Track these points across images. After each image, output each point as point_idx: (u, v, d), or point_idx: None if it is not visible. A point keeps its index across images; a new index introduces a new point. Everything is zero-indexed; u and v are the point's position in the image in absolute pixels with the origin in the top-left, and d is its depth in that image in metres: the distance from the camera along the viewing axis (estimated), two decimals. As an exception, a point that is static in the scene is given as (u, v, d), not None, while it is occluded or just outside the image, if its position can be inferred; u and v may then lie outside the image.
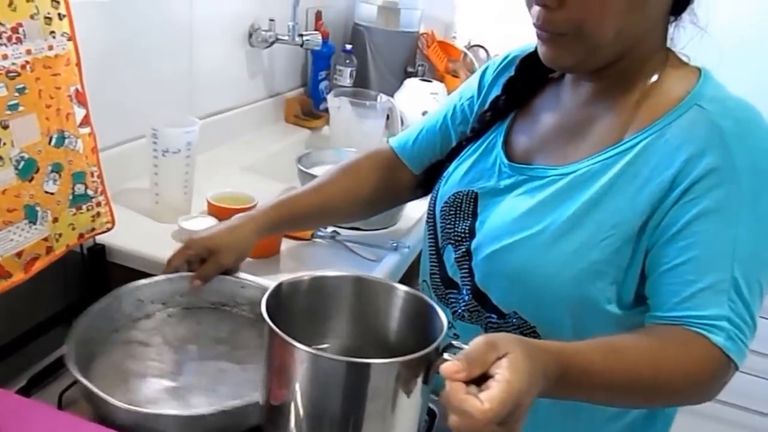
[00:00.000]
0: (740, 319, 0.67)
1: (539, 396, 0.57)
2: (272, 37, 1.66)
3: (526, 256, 0.79)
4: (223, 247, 0.92)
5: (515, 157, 0.88)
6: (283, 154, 1.65)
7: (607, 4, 0.71)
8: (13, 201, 0.85)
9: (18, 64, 0.85)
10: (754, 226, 0.69)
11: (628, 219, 0.74)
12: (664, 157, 0.73)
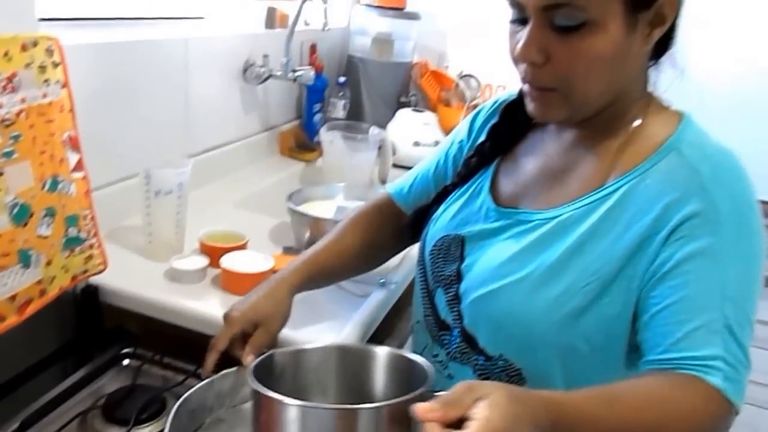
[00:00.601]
0: (735, 359, 0.66)
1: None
2: (266, 72, 1.69)
3: (511, 302, 0.80)
4: (268, 316, 0.89)
5: (501, 201, 0.90)
6: (277, 187, 1.68)
7: (592, 59, 0.73)
8: (7, 246, 0.87)
9: (13, 113, 0.87)
10: (739, 267, 0.70)
11: (608, 265, 0.75)
12: (643, 203, 0.74)
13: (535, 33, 0.74)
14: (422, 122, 2.06)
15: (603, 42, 0.72)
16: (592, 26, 0.71)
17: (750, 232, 0.72)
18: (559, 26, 0.72)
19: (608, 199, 0.77)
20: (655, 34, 0.75)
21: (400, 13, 2.19)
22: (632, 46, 0.74)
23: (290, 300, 0.94)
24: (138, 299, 1.06)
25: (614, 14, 0.71)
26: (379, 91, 2.20)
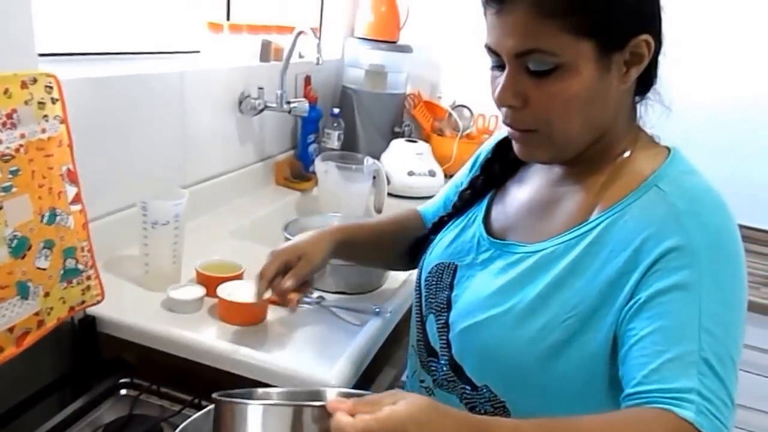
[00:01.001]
0: (713, 395, 0.63)
1: None
2: (261, 104, 1.72)
3: (495, 334, 0.81)
4: (309, 251, 1.01)
5: (493, 231, 0.92)
6: (273, 217, 1.69)
7: (569, 100, 0.75)
8: (5, 278, 0.89)
9: (12, 148, 0.89)
10: (717, 300, 0.68)
11: (587, 300, 0.75)
12: (621, 239, 0.74)
13: (512, 78, 0.76)
14: (416, 152, 2.09)
15: (577, 84, 0.74)
16: (565, 69, 0.73)
17: (728, 265, 0.71)
18: (534, 71, 0.74)
19: (589, 235, 0.78)
20: (633, 72, 0.76)
21: (392, 46, 2.23)
22: (609, 86, 0.76)
23: (330, 248, 1.04)
24: (135, 329, 1.06)
25: (586, 57, 0.73)
26: (373, 121, 2.23)
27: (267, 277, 0.98)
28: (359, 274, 1.27)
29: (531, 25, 0.72)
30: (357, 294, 1.29)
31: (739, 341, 0.68)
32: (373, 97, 2.22)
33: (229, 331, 1.08)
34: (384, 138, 2.21)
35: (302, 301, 1.18)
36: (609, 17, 0.72)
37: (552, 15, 0.71)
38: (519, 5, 0.73)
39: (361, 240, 1.13)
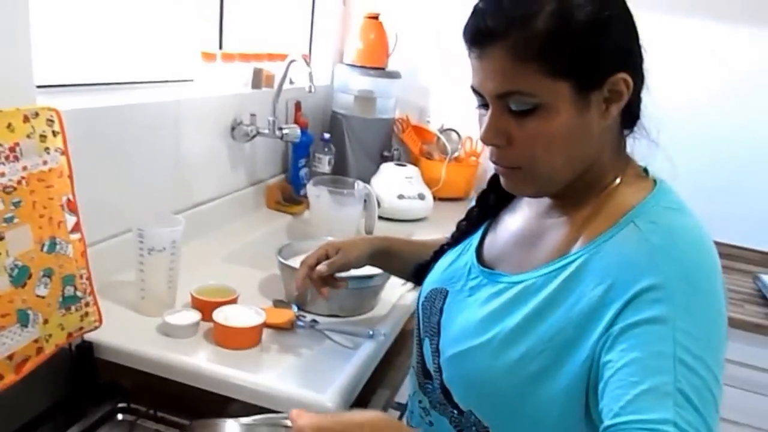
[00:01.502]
0: (690, 427, 0.61)
1: None
2: (253, 131, 1.74)
3: (478, 363, 0.83)
4: (348, 246, 1.16)
5: (484, 260, 0.94)
6: (265, 240, 1.71)
7: (549, 139, 0.77)
8: (6, 306, 0.90)
9: (15, 180, 0.91)
10: (692, 332, 0.67)
11: (562, 333, 0.75)
12: (595, 275, 0.75)
13: (495, 118, 0.79)
14: (405, 176, 2.11)
15: (557, 122, 0.76)
16: (544, 109, 0.75)
17: (702, 299, 0.70)
18: (515, 111, 0.77)
19: (567, 269, 0.78)
20: (613, 109, 0.78)
21: (381, 72, 2.27)
22: (590, 123, 0.78)
23: (368, 249, 1.18)
24: (131, 354, 1.07)
25: (563, 97, 0.75)
26: (362, 145, 2.26)
27: (307, 264, 1.15)
28: (352, 297, 1.29)
29: (509, 69, 0.75)
30: (350, 317, 1.31)
31: (718, 375, 0.66)
32: (363, 122, 2.25)
33: (225, 355, 1.09)
34: (374, 162, 2.23)
35: (296, 324, 1.21)
36: (583, 59, 0.74)
37: (528, 58, 0.73)
38: (497, 50, 0.75)
39: (401, 253, 1.21)
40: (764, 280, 2.09)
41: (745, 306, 1.97)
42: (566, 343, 0.75)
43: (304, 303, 1.29)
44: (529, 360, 0.77)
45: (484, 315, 0.84)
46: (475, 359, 0.83)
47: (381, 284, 1.35)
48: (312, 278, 1.14)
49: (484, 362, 0.82)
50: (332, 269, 1.14)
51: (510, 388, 0.79)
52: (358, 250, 1.17)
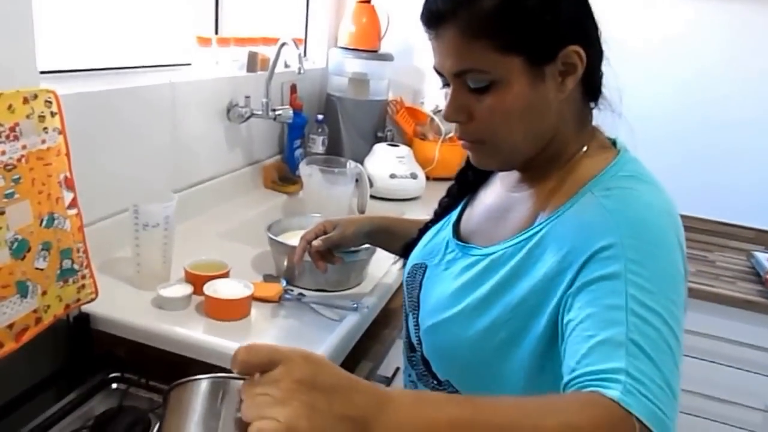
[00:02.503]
0: (644, 376, 0.60)
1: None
2: (248, 112, 1.77)
3: (451, 333, 0.85)
4: (345, 223, 1.21)
5: (461, 235, 0.96)
6: (260, 218, 1.74)
7: (506, 112, 0.79)
8: (6, 278, 0.93)
9: (15, 158, 0.94)
10: (645, 286, 0.67)
11: (527, 301, 0.77)
12: (555, 243, 0.76)
13: (455, 96, 0.81)
14: (397, 155, 2.14)
15: (513, 97, 0.77)
16: (500, 84, 0.77)
17: (655, 254, 0.70)
18: (473, 88, 0.79)
19: (532, 240, 0.80)
20: (569, 82, 0.79)
21: (374, 54, 2.29)
22: (546, 96, 0.79)
23: (365, 226, 1.22)
24: (126, 326, 1.11)
25: (517, 72, 0.77)
26: (356, 127, 2.28)
27: (306, 238, 1.20)
28: (338, 271, 1.32)
29: (462, 47, 0.77)
30: (337, 291, 1.35)
31: (675, 329, 0.65)
32: (357, 103, 2.27)
33: (215, 326, 1.13)
34: (367, 142, 2.26)
35: (283, 297, 1.24)
36: (533, 33, 0.76)
37: (479, 36, 0.76)
38: (450, 29, 0.77)
39: (398, 231, 1.22)
40: (758, 257, 2.11)
41: (737, 283, 2.00)
42: (531, 310, 0.77)
43: (292, 277, 1.33)
44: (497, 328, 0.80)
45: (457, 287, 0.87)
46: (448, 330, 0.86)
47: (366, 259, 1.38)
48: (310, 252, 1.20)
49: (456, 332, 0.85)
50: (327, 244, 1.19)
51: (481, 356, 0.82)
52: (354, 227, 1.21)
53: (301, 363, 0.54)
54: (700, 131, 2.26)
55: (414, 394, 0.58)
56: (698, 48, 2.21)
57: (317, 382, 0.53)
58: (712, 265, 2.13)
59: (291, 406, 0.51)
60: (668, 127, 2.26)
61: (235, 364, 0.55)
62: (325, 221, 1.22)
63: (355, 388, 0.54)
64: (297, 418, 0.50)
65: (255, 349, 0.54)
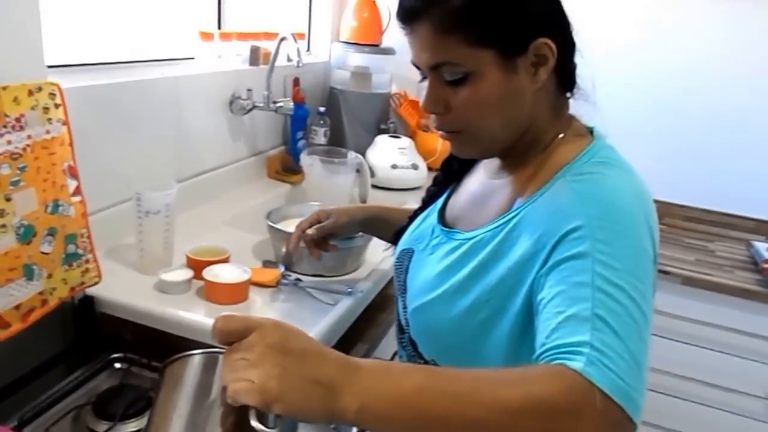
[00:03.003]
0: (607, 348, 0.60)
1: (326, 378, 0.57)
2: (250, 104, 1.80)
3: (435, 314, 0.88)
4: (339, 212, 1.24)
5: (445, 221, 0.99)
6: (263, 207, 1.75)
7: (482, 103, 0.81)
8: (13, 261, 0.97)
9: (20, 147, 0.98)
10: (611, 264, 0.68)
11: (504, 282, 0.79)
12: (529, 227, 0.78)
13: (432, 88, 0.83)
14: (399, 147, 2.17)
15: (486, 88, 0.80)
16: (473, 77, 0.79)
17: (622, 233, 0.71)
18: (449, 80, 0.81)
19: (509, 224, 0.82)
20: (541, 72, 0.81)
21: (375, 48, 2.31)
22: (519, 86, 0.81)
23: (360, 215, 1.26)
24: (129, 308, 1.14)
25: (489, 64, 0.79)
26: (359, 119, 2.31)
27: (301, 227, 1.24)
28: (335, 257, 1.34)
29: (435, 42, 0.79)
30: (333, 276, 1.38)
31: (641, 305, 0.66)
32: (359, 96, 2.30)
33: (214, 309, 1.16)
34: (370, 134, 2.28)
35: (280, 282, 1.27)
36: (502, 27, 0.78)
37: (450, 30, 0.78)
38: (423, 25, 0.79)
39: (391, 220, 1.23)
40: (757, 246, 2.11)
41: (735, 272, 2.00)
42: (508, 290, 0.79)
43: (290, 263, 1.36)
44: (477, 308, 0.82)
45: (440, 270, 0.89)
46: (432, 311, 0.89)
47: (363, 245, 1.41)
48: (305, 241, 1.23)
49: (439, 314, 0.87)
50: (321, 233, 1.22)
51: (463, 335, 0.85)
52: (348, 216, 1.24)
53: (273, 329, 0.57)
54: (701, 121, 2.25)
55: (382, 363, 0.61)
56: (697, 35, 2.21)
57: (288, 347, 0.57)
58: (711, 254, 2.14)
59: (263, 367, 0.55)
60: (668, 117, 2.27)
61: (215, 332, 0.59)
62: (319, 210, 1.25)
63: (325, 355, 0.58)
64: (269, 378, 0.54)
65: (230, 318, 0.59)
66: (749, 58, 2.18)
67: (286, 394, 0.55)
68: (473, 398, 0.57)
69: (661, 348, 1.97)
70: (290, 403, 0.55)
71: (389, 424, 0.58)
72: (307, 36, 2.43)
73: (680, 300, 1.97)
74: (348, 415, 0.56)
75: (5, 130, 0.95)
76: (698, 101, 2.24)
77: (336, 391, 0.56)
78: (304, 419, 0.58)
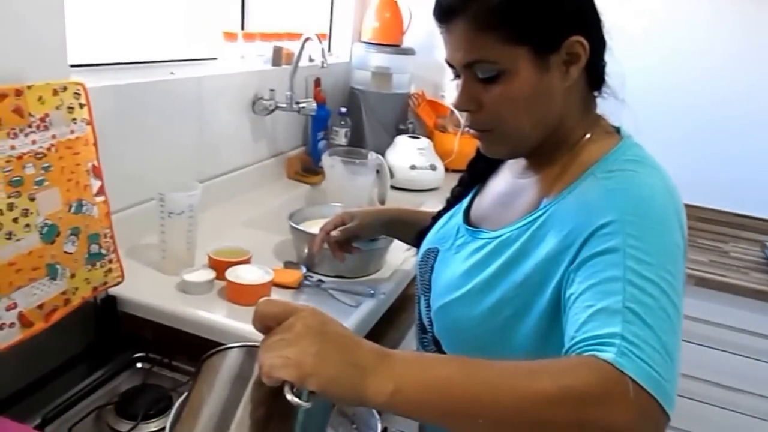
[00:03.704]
0: (639, 340, 0.59)
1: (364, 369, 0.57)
2: (272, 105, 1.78)
3: (459, 313, 0.87)
4: (362, 214, 1.23)
5: (471, 221, 0.97)
6: (283, 208, 1.74)
7: (514, 101, 0.80)
8: (36, 261, 0.96)
9: (45, 147, 0.96)
10: (642, 258, 0.67)
11: (531, 278, 0.78)
12: (558, 223, 0.78)
13: (466, 86, 0.82)
14: (418, 147, 2.14)
15: (520, 85, 0.79)
16: (507, 75, 0.78)
17: (653, 228, 0.70)
18: (482, 78, 0.80)
19: (537, 221, 0.81)
20: (573, 71, 0.80)
21: (396, 49, 2.28)
22: (551, 84, 0.80)
23: (382, 217, 1.25)
24: (152, 308, 1.13)
25: (523, 61, 0.78)
26: (379, 119, 2.28)
27: (325, 229, 1.22)
28: (357, 259, 1.32)
29: (471, 40, 0.79)
30: (355, 278, 1.35)
31: (674, 299, 0.64)
32: (379, 97, 2.27)
33: (236, 310, 1.14)
34: (389, 135, 2.26)
35: (302, 283, 1.25)
36: (537, 25, 0.77)
37: (486, 28, 0.77)
38: (459, 23, 0.79)
39: (413, 222, 1.21)
40: (772, 247, 2.08)
41: (750, 273, 1.97)
42: (534, 287, 0.78)
43: (312, 264, 1.34)
44: (502, 306, 0.81)
45: (466, 268, 0.88)
46: (456, 310, 0.87)
47: (384, 247, 1.38)
48: (329, 243, 1.22)
49: (464, 312, 0.86)
50: (345, 235, 1.21)
51: (488, 334, 0.83)
52: (371, 218, 1.23)
53: (312, 313, 0.59)
54: (715, 123, 2.22)
55: (414, 353, 0.63)
56: (716, 38, 2.17)
57: (326, 330, 0.58)
58: (725, 255, 2.10)
59: (301, 345, 0.56)
60: (683, 119, 2.23)
61: (256, 316, 0.61)
62: (343, 213, 1.24)
63: (361, 343, 0.59)
64: (306, 354, 0.55)
65: (271, 302, 0.61)
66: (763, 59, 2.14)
67: (321, 370, 0.55)
68: (505, 386, 0.57)
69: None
70: (325, 379, 0.55)
71: (421, 408, 0.58)
72: (329, 36, 2.41)
73: (693, 301, 1.93)
74: (381, 398, 0.57)
75: (30, 130, 0.93)
76: (713, 102, 2.21)
77: (371, 373, 0.57)
78: (338, 398, 0.58)
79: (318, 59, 1.75)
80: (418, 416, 0.59)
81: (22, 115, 0.92)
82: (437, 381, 0.58)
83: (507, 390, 0.57)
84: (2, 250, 0.90)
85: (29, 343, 0.95)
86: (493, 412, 0.57)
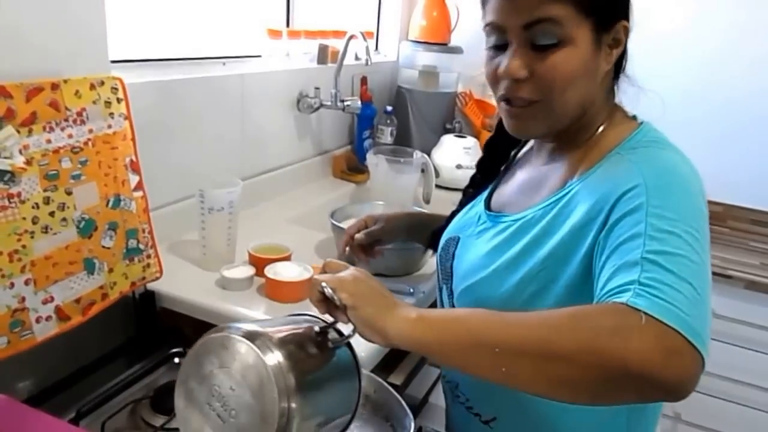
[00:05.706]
0: (657, 282, 0.59)
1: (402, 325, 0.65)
2: (317, 103, 1.74)
3: (483, 293, 0.84)
4: (387, 218, 1.20)
5: (492, 207, 0.95)
6: (327, 206, 1.69)
7: (569, 73, 0.76)
8: (73, 255, 0.93)
9: (82, 141, 0.94)
10: (665, 214, 0.66)
11: (557, 252, 0.76)
12: (583, 198, 0.76)
13: (519, 51, 0.77)
14: (464, 147, 2.07)
15: (577, 58, 0.76)
16: (567, 44, 0.75)
17: (678, 190, 0.69)
18: (539, 45, 0.75)
19: (562, 200, 0.79)
20: (614, 54, 0.79)
21: (444, 47, 2.21)
22: (599, 64, 0.78)
23: (406, 221, 1.22)
24: (190, 304, 1.10)
25: (584, 34, 0.75)
26: (425, 118, 2.22)
27: (349, 232, 1.19)
28: (397, 258, 1.27)
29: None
30: (395, 276, 1.29)
31: (700, 252, 0.63)
32: (426, 96, 2.21)
33: (275, 306, 1.10)
34: (436, 134, 2.19)
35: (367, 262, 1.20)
36: (604, 1, 0.76)
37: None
38: None
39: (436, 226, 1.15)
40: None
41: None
42: (559, 260, 0.76)
43: (352, 262, 1.28)
44: (526, 283, 0.79)
45: (489, 249, 0.86)
46: (480, 290, 0.85)
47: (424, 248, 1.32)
48: (351, 246, 1.18)
49: (488, 292, 0.84)
50: (368, 239, 1.17)
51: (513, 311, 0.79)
52: (395, 220, 1.20)
53: (362, 270, 0.73)
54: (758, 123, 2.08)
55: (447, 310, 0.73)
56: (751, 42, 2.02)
57: (371, 282, 0.71)
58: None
59: (348, 273, 0.72)
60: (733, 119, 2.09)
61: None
62: (367, 216, 1.21)
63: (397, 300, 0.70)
64: (351, 277, 0.71)
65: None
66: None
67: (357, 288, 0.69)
68: (520, 322, 0.62)
69: (723, 353, 1.88)
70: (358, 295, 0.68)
71: (440, 336, 0.64)
72: (376, 35, 2.36)
73: (743, 305, 1.85)
74: (405, 324, 0.65)
75: (66, 124, 0.91)
76: (764, 103, 2.06)
77: (400, 306, 0.68)
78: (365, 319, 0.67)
79: (364, 57, 1.69)
80: (438, 348, 0.64)
81: (59, 108, 0.90)
82: (457, 313, 0.69)
83: (523, 324, 0.61)
84: (39, 243, 0.88)
85: (66, 337, 0.93)
86: (507, 340, 0.60)
